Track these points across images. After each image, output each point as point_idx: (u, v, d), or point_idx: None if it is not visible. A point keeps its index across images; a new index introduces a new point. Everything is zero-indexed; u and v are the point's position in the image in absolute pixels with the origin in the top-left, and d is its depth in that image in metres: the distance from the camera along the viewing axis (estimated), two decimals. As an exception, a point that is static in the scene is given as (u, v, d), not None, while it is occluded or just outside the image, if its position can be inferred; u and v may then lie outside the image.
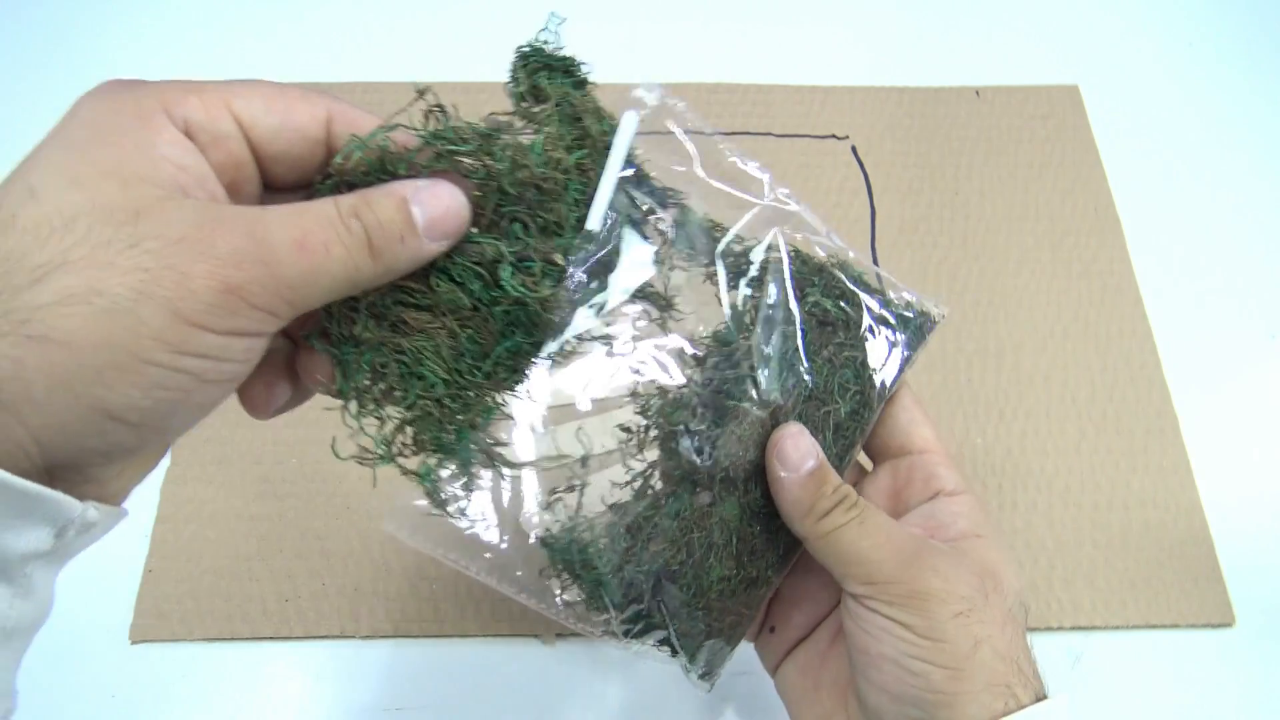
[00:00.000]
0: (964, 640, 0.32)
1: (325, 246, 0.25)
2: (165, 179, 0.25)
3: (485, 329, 0.30)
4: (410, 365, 0.29)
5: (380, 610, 0.49)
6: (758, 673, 0.48)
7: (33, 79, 0.68)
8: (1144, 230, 0.63)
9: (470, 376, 0.30)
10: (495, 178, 0.28)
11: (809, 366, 0.36)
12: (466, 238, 0.28)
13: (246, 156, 0.27)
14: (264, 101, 0.27)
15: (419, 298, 0.29)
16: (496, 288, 0.29)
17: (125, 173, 0.24)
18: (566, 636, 0.49)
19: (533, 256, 0.29)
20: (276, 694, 0.47)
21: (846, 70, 0.70)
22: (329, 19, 0.71)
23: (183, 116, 0.26)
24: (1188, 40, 0.73)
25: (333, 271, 0.26)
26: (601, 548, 0.34)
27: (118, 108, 0.25)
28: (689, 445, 0.34)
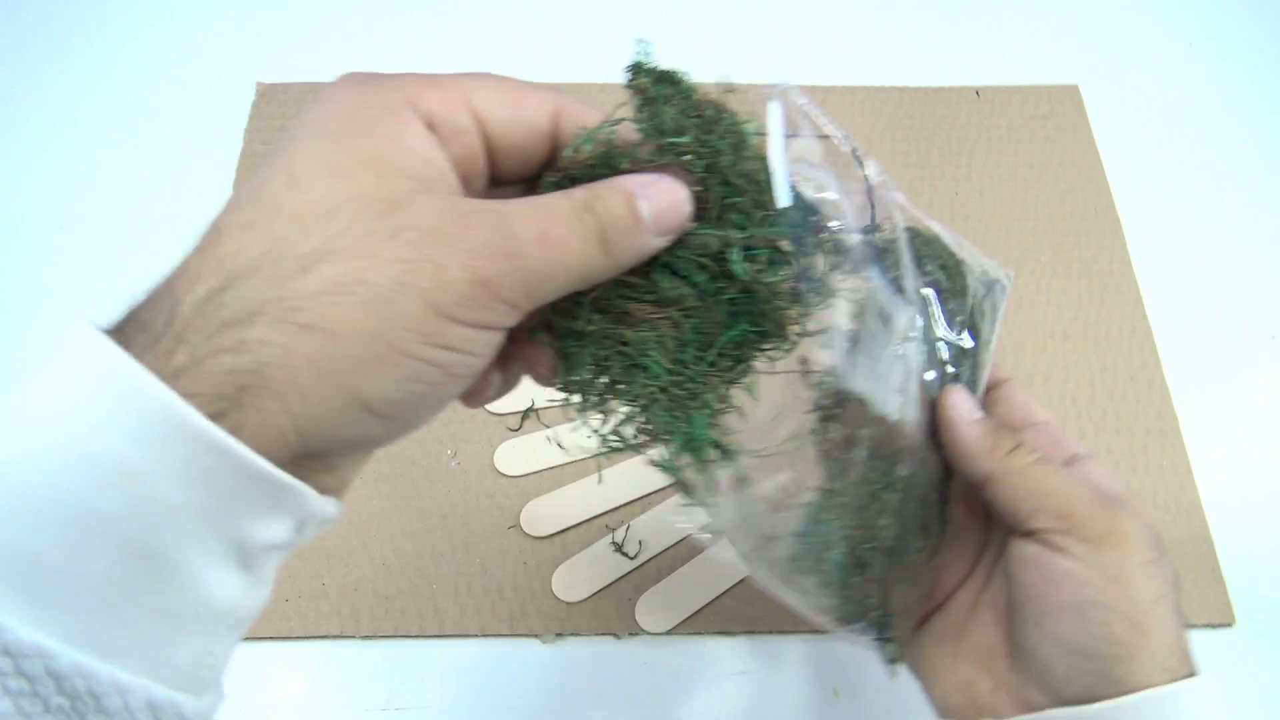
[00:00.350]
0: (1148, 591, 0.32)
1: (564, 240, 0.26)
2: (415, 171, 0.25)
3: (709, 319, 0.29)
4: (634, 357, 0.29)
5: (380, 610, 0.49)
6: (756, 673, 0.48)
7: (33, 79, 0.68)
8: (1144, 230, 0.63)
9: (695, 366, 0.30)
10: (716, 170, 0.28)
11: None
12: (688, 230, 0.28)
13: (481, 150, 0.27)
14: (498, 95, 0.27)
15: (641, 291, 0.29)
16: (721, 278, 0.28)
17: (381, 164, 0.25)
18: (566, 636, 0.49)
19: (758, 244, 0.28)
20: (276, 694, 0.47)
21: (846, 70, 0.70)
22: (332, 20, 0.71)
23: (426, 110, 0.26)
24: (1188, 40, 0.73)
25: (570, 264, 0.26)
26: (835, 530, 0.35)
27: (365, 99, 0.26)
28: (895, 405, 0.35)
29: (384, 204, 0.24)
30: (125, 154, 0.65)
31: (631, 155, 0.28)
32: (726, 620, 0.49)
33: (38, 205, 0.62)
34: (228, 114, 0.66)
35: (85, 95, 0.67)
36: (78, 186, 0.63)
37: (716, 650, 0.49)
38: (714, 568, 0.50)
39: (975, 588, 0.38)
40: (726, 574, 0.50)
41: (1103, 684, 0.32)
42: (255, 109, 0.66)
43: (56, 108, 0.67)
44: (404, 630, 0.48)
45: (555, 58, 0.69)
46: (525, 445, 0.53)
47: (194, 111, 0.66)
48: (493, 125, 0.27)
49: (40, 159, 0.64)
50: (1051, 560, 0.34)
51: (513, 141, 0.27)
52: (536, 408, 0.54)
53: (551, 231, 0.25)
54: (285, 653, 0.48)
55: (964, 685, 0.36)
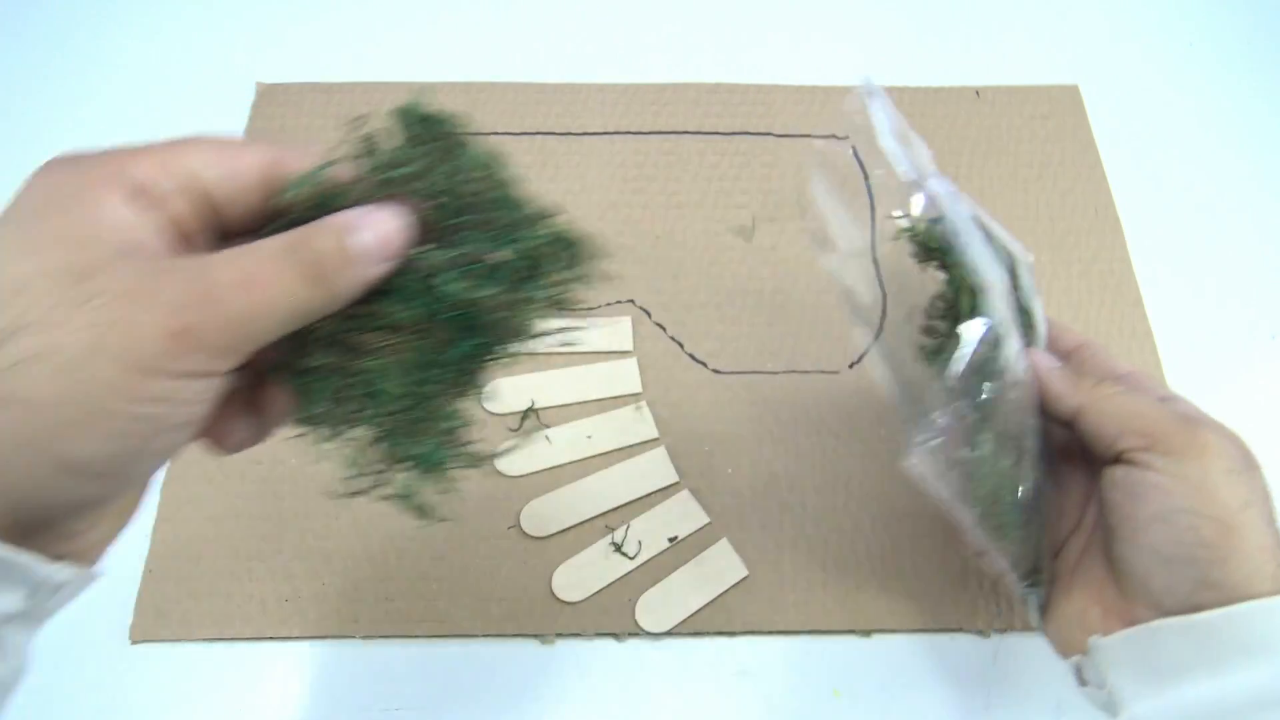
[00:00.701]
0: (1233, 497, 0.34)
1: (270, 281, 0.26)
2: (112, 239, 0.25)
3: (439, 338, 0.30)
4: (367, 386, 0.30)
5: (380, 610, 0.49)
6: (756, 673, 0.48)
7: (33, 79, 0.68)
8: (1144, 230, 0.63)
9: (430, 386, 0.31)
10: (441, 195, 0.29)
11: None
12: (413, 255, 0.29)
13: (197, 209, 0.28)
14: (208, 155, 0.28)
15: (370, 320, 0.29)
16: (441, 297, 0.29)
17: (74, 237, 0.25)
18: (566, 636, 0.49)
19: (480, 260, 0.29)
20: (276, 694, 0.47)
21: (846, 70, 0.70)
22: (332, 20, 0.71)
23: (131, 178, 0.26)
24: (1188, 40, 0.73)
25: (278, 304, 0.26)
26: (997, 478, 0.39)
27: (67, 180, 0.27)
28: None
29: (74, 274, 0.24)
30: (125, 154, 0.65)
31: (348, 193, 0.29)
32: (726, 620, 0.49)
33: (38, 205, 0.62)
34: (228, 114, 0.66)
35: (85, 95, 0.67)
36: (78, 186, 0.63)
37: (716, 650, 0.49)
38: (714, 568, 0.50)
39: (1084, 534, 0.40)
40: (726, 574, 0.50)
41: (1201, 589, 0.34)
42: (255, 109, 0.66)
43: (56, 108, 0.67)
44: (404, 630, 0.48)
45: (555, 58, 0.69)
46: (525, 445, 0.53)
47: (194, 111, 0.66)
48: (208, 184, 0.28)
49: (40, 159, 0.64)
50: (1138, 477, 0.36)
51: (230, 196, 0.28)
52: (536, 408, 0.54)
53: (255, 274, 0.26)
54: (285, 653, 0.48)
55: (1078, 617, 0.38)
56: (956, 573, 0.51)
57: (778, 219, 0.62)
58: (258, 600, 0.49)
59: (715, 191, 0.63)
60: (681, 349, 0.58)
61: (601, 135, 0.65)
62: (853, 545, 0.51)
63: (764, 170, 0.64)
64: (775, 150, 0.65)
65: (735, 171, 0.64)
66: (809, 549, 0.51)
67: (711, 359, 0.57)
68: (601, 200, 0.63)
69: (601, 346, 0.57)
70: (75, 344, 0.24)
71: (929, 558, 0.51)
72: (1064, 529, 0.41)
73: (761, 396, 0.56)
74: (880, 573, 0.51)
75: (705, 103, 0.67)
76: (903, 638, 0.49)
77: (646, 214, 0.62)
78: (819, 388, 0.56)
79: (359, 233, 0.27)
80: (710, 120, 0.67)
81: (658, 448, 0.54)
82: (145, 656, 0.48)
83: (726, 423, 0.55)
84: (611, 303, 0.59)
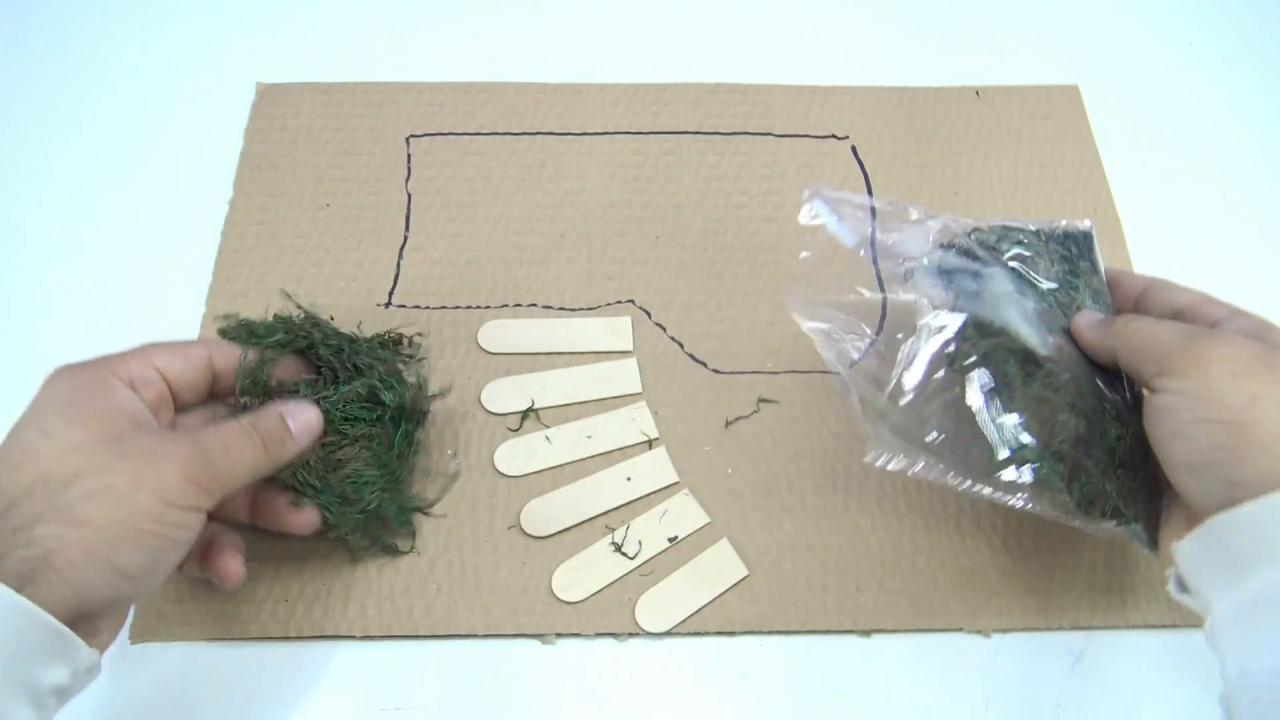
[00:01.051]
0: (1238, 395, 0.36)
1: (240, 449, 0.40)
2: (126, 415, 0.38)
3: (384, 433, 0.48)
4: (358, 478, 0.46)
5: (380, 610, 0.49)
6: (756, 673, 0.48)
7: (33, 79, 0.68)
8: (1144, 230, 0.63)
9: (397, 462, 0.48)
10: (331, 354, 0.48)
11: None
12: (341, 393, 0.46)
13: (165, 392, 0.42)
14: (169, 354, 0.42)
15: (339, 443, 0.46)
16: (379, 406, 0.47)
17: (103, 414, 0.38)
18: (566, 636, 0.49)
19: (383, 379, 0.48)
20: (276, 694, 0.47)
21: (846, 70, 0.70)
22: (332, 20, 0.71)
23: (126, 374, 0.40)
24: (1188, 40, 0.73)
25: (244, 464, 0.40)
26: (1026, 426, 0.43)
27: (81, 377, 0.39)
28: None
29: (111, 439, 0.37)
30: (125, 154, 0.65)
31: (269, 376, 0.46)
32: (726, 620, 0.49)
33: (38, 205, 0.62)
34: (228, 114, 0.66)
35: (85, 95, 0.67)
36: (78, 186, 0.63)
37: (716, 650, 0.49)
38: (714, 568, 0.50)
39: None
40: (726, 574, 0.50)
41: (1231, 489, 0.36)
42: (255, 109, 0.66)
43: (56, 108, 0.67)
44: (404, 630, 0.48)
45: (555, 58, 0.69)
46: (525, 445, 0.53)
47: (194, 111, 0.66)
48: (170, 374, 0.42)
49: (40, 159, 0.64)
50: (1156, 402, 0.39)
51: (186, 381, 0.42)
52: (536, 408, 0.54)
53: (230, 444, 0.40)
54: (285, 653, 0.48)
55: (1175, 538, 0.40)
56: (957, 573, 0.51)
57: (777, 219, 0.62)
58: (258, 600, 0.49)
59: (715, 191, 0.64)
60: (681, 349, 0.57)
61: (601, 135, 0.65)
62: (853, 545, 0.51)
63: (764, 170, 0.64)
64: (775, 150, 0.65)
65: (735, 171, 0.64)
66: (809, 549, 0.51)
67: (711, 359, 0.57)
68: (601, 200, 0.63)
69: (601, 346, 0.57)
70: (123, 483, 0.36)
71: (929, 558, 0.51)
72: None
73: (761, 396, 0.56)
74: (880, 573, 0.51)
75: (705, 103, 0.67)
76: (903, 638, 0.49)
77: (646, 214, 0.62)
78: (819, 388, 0.56)
79: (293, 419, 0.43)
80: (710, 120, 0.67)
81: (658, 448, 0.54)
82: (145, 656, 0.48)
83: (726, 423, 0.55)
84: (611, 303, 0.59)
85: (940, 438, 0.45)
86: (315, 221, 0.61)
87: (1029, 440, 0.43)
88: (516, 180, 0.64)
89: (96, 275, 0.60)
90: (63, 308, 0.58)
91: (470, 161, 0.64)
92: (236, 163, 0.64)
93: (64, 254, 0.61)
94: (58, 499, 0.34)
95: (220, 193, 0.62)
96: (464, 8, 0.72)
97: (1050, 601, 0.50)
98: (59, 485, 0.35)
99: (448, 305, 0.59)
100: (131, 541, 0.35)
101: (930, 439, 0.45)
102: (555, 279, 0.60)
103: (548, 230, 0.62)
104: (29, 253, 0.61)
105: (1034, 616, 0.50)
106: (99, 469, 0.35)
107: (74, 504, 0.34)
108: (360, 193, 0.63)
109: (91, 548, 0.34)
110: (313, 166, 0.63)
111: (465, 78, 0.68)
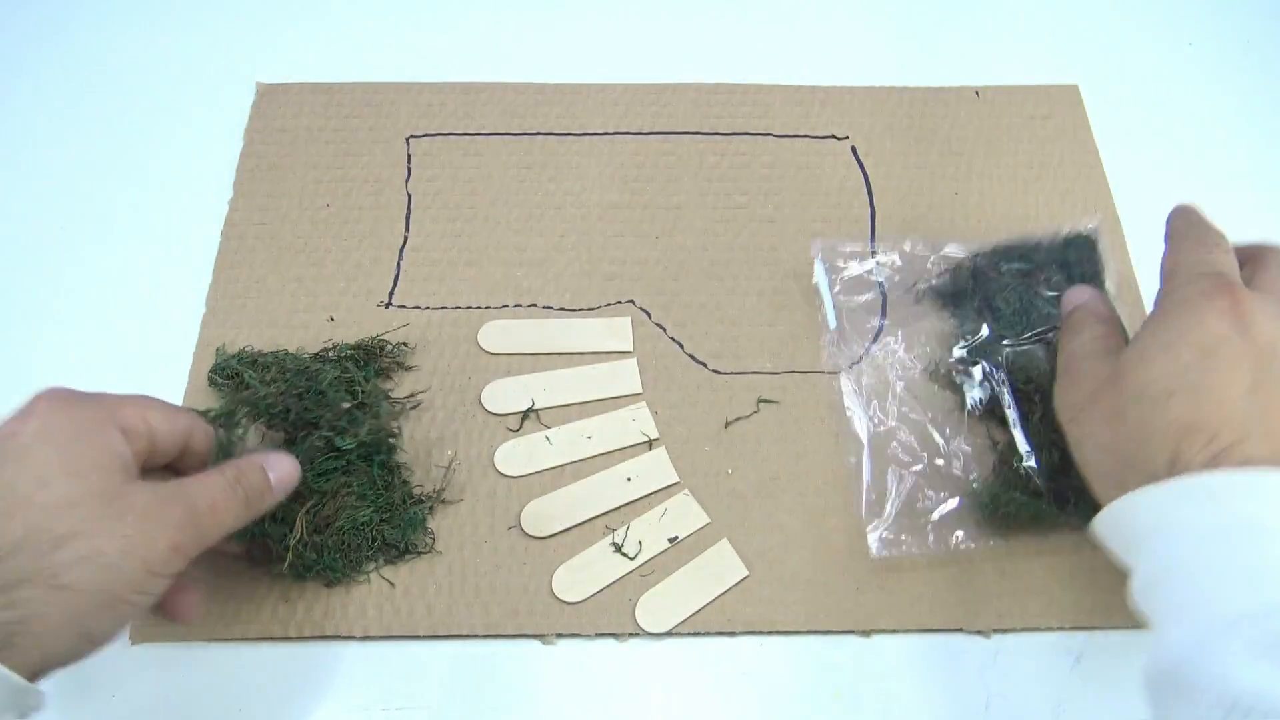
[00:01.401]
0: (1074, 434, 0.41)
1: (226, 507, 0.40)
2: (120, 466, 0.37)
3: (362, 470, 0.49)
4: (352, 527, 0.48)
5: (380, 610, 0.49)
6: (756, 673, 0.48)
7: (32, 78, 0.68)
8: (1144, 230, 0.63)
9: (385, 492, 0.50)
10: (305, 405, 0.49)
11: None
12: (314, 442, 0.47)
13: (147, 449, 0.40)
14: (161, 412, 0.41)
15: (326, 492, 0.48)
16: (337, 452, 0.48)
17: (101, 465, 0.37)
18: (566, 636, 0.49)
19: (333, 424, 0.48)
20: (276, 694, 0.47)
21: (846, 70, 0.70)
22: (332, 20, 0.71)
23: (122, 420, 0.39)
24: (1188, 40, 0.73)
25: (227, 524, 0.40)
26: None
27: (81, 414, 0.38)
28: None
29: (108, 496, 0.36)
30: (125, 154, 0.65)
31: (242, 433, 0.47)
32: (726, 620, 0.49)
33: (38, 205, 0.62)
34: (228, 114, 0.66)
35: (85, 95, 0.67)
36: (77, 186, 0.63)
37: (716, 650, 0.49)
38: (714, 568, 0.50)
39: None
40: (726, 574, 0.50)
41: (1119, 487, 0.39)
42: (255, 109, 0.66)
43: (56, 107, 0.67)
44: (404, 630, 0.48)
45: (555, 58, 0.69)
46: (525, 445, 0.53)
47: (194, 111, 0.66)
48: (158, 434, 0.41)
49: (40, 159, 0.64)
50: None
51: (164, 446, 0.41)
52: (536, 408, 0.54)
53: (217, 502, 0.39)
54: (285, 653, 0.48)
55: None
56: (957, 573, 0.51)
57: (777, 219, 0.62)
58: (258, 600, 0.49)
59: (715, 191, 0.63)
60: (681, 349, 0.57)
61: (601, 135, 0.65)
62: (853, 545, 0.51)
63: (764, 170, 0.64)
64: (775, 150, 0.65)
65: (735, 172, 0.64)
66: (809, 549, 0.51)
67: (711, 359, 0.57)
68: (601, 200, 0.63)
69: (601, 347, 0.57)
70: (113, 550, 0.35)
71: (929, 558, 0.51)
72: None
73: (761, 396, 0.56)
74: (880, 573, 0.51)
75: (705, 103, 0.67)
76: (903, 638, 0.49)
77: (646, 214, 0.62)
78: (819, 388, 0.56)
79: (273, 470, 0.43)
80: (710, 120, 0.67)
81: (658, 448, 0.54)
82: (145, 657, 0.48)
83: (726, 423, 0.55)
84: (611, 303, 0.59)
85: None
86: (315, 221, 0.61)
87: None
88: (516, 180, 0.64)
89: (97, 275, 0.60)
90: (63, 308, 0.58)
91: (470, 161, 0.64)
92: (236, 163, 0.64)
93: (64, 254, 0.60)
94: (45, 560, 0.34)
95: (220, 193, 0.62)
96: (464, 8, 0.72)
97: (1050, 601, 0.50)
98: (50, 544, 0.34)
99: (448, 305, 0.59)
100: (109, 610, 0.35)
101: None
102: (555, 279, 0.60)
103: (548, 230, 0.62)
104: (29, 253, 0.60)
105: (1034, 616, 0.50)
106: (92, 531, 0.35)
107: (62, 569, 0.34)
108: (360, 193, 0.63)
109: (71, 616, 0.34)
110: (313, 166, 0.63)
111: (465, 78, 0.68)
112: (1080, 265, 0.56)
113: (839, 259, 0.59)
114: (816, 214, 0.63)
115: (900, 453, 0.53)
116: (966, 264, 0.57)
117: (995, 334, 0.54)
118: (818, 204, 0.63)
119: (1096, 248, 0.57)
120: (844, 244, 0.59)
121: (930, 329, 0.57)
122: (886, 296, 0.58)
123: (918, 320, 0.57)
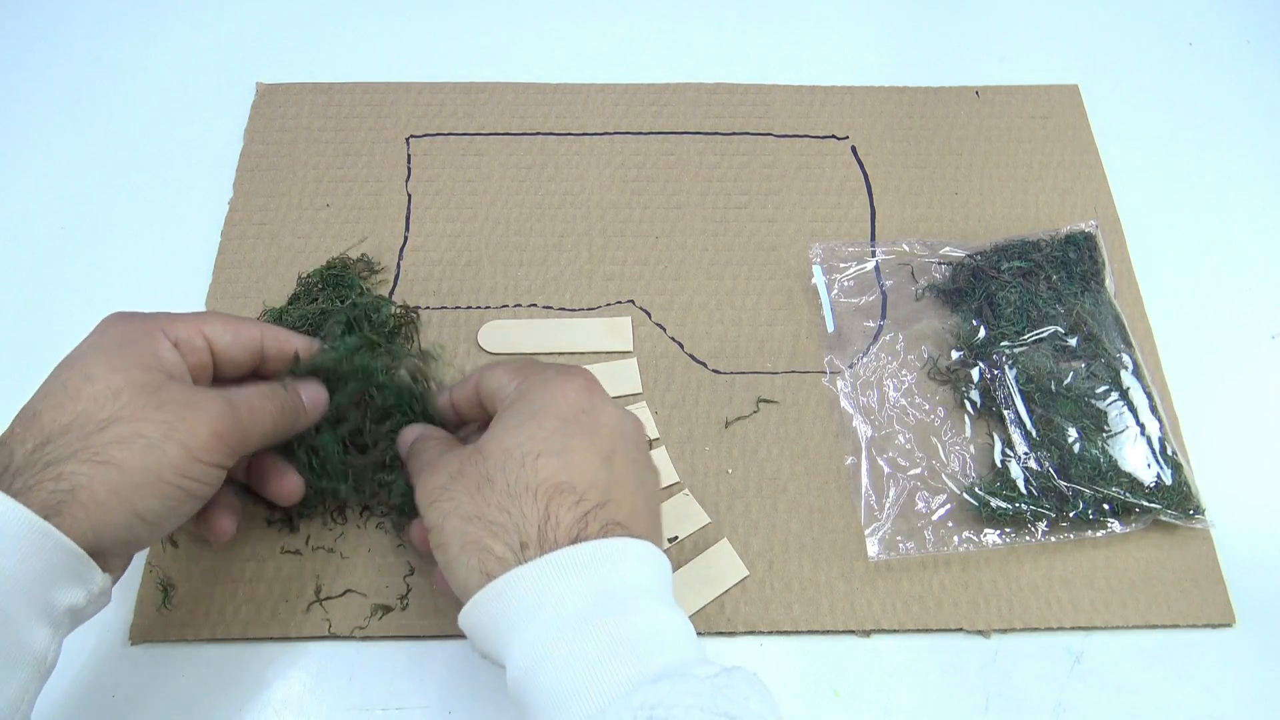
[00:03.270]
0: (434, 518, 0.39)
1: (263, 410, 0.42)
2: (166, 369, 0.40)
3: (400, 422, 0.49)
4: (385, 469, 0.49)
5: (380, 610, 0.49)
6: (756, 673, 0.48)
7: (33, 78, 0.68)
8: (1144, 230, 0.63)
9: (418, 400, 0.49)
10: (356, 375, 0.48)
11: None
12: (365, 410, 0.49)
13: (209, 360, 0.43)
14: (222, 326, 0.43)
15: (364, 447, 0.49)
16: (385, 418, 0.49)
17: (145, 364, 0.39)
18: (566, 636, 0.49)
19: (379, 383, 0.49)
20: (276, 694, 0.47)
21: (846, 70, 0.70)
22: (332, 20, 0.71)
23: (174, 333, 0.42)
24: (1188, 40, 0.73)
25: (267, 427, 0.42)
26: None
27: (132, 328, 0.41)
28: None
29: (150, 388, 0.38)
30: (125, 153, 0.65)
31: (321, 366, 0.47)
32: (726, 620, 0.49)
33: (38, 205, 0.62)
34: (228, 114, 0.66)
35: (85, 95, 0.67)
36: (78, 186, 0.63)
37: (717, 650, 0.49)
38: (714, 568, 0.50)
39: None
40: (726, 574, 0.50)
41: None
42: (255, 109, 0.66)
43: (57, 107, 0.67)
44: (404, 630, 0.48)
45: (555, 58, 0.69)
46: (525, 445, 0.53)
47: (194, 111, 0.66)
48: (218, 345, 0.43)
49: (40, 159, 0.64)
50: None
51: (231, 356, 0.44)
52: (536, 408, 0.54)
53: (254, 403, 0.42)
54: (285, 653, 0.48)
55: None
56: (957, 573, 0.51)
57: (777, 219, 0.62)
58: (257, 600, 0.49)
59: (715, 191, 0.64)
60: (681, 349, 0.58)
61: (601, 135, 0.65)
62: (853, 545, 0.51)
63: (764, 170, 0.64)
64: (775, 150, 0.65)
65: (735, 172, 0.64)
66: (809, 549, 0.51)
67: (711, 359, 0.57)
68: (601, 200, 0.63)
69: (601, 346, 0.57)
70: (154, 432, 0.37)
71: (929, 558, 0.51)
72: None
73: (761, 396, 0.56)
74: (880, 573, 0.51)
75: (705, 103, 0.67)
76: (903, 638, 0.49)
77: (646, 214, 0.62)
78: (819, 388, 0.56)
79: (305, 392, 0.45)
80: (710, 120, 0.67)
81: (658, 448, 0.54)
82: (145, 657, 0.48)
83: (726, 423, 0.55)
84: (611, 303, 0.59)
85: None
86: (315, 221, 0.61)
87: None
88: (516, 180, 0.64)
89: (97, 275, 0.60)
90: (63, 307, 0.58)
91: (470, 161, 0.64)
92: (236, 163, 0.64)
93: (64, 254, 0.61)
94: (91, 439, 0.36)
95: (220, 193, 0.62)
96: (464, 8, 0.72)
97: (1050, 601, 0.50)
98: (94, 427, 0.37)
99: (448, 305, 0.59)
100: (154, 489, 0.37)
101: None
102: (555, 279, 0.60)
103: (548, 230, 0.62)
104: (29, 252, 0.60)
105: (1034, 616, 0.50)
106: (133, 416, 0.37)
107: (105, 446, 0.36)
108: (360, 193, 0.63)
109: (116, 489, 0.36)
110: (313, 166, 0.64)
111: (465, 78, 0.68)
112: (1080, 265, 0.57)
113: (838, 261, 0.59)
114: (816, 214, 0.63)
115: (899, 454, 0.53)
116: (966, 264, 0.58)
117: (995, 334, 0.55)
118: (818, 204, 0.63)
119: (1096, 247, 0.58)
120: (843, 245, 0.59)
121: (930, 329, 0.57)
122: (886, 297, 0.58)
123: (917, 321, 0.57)
